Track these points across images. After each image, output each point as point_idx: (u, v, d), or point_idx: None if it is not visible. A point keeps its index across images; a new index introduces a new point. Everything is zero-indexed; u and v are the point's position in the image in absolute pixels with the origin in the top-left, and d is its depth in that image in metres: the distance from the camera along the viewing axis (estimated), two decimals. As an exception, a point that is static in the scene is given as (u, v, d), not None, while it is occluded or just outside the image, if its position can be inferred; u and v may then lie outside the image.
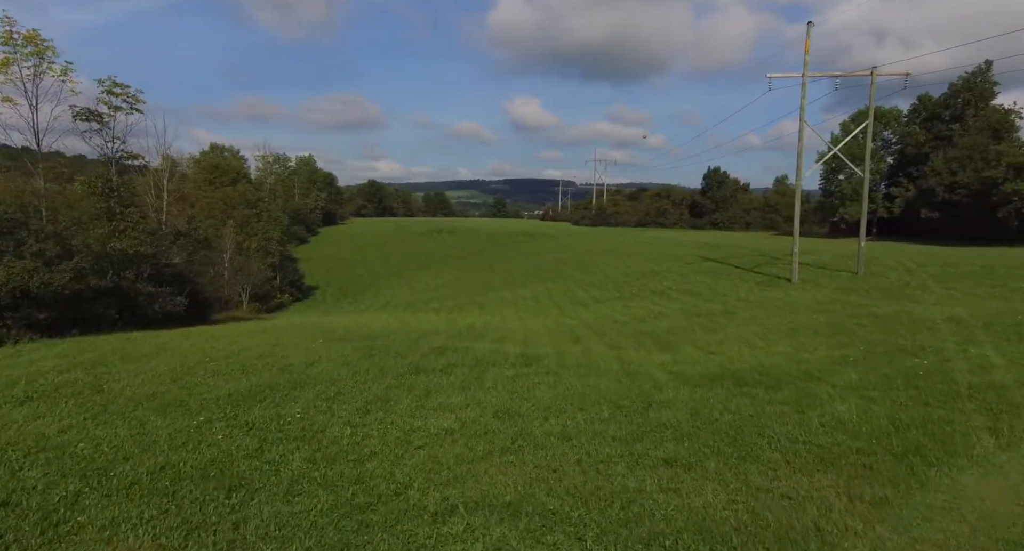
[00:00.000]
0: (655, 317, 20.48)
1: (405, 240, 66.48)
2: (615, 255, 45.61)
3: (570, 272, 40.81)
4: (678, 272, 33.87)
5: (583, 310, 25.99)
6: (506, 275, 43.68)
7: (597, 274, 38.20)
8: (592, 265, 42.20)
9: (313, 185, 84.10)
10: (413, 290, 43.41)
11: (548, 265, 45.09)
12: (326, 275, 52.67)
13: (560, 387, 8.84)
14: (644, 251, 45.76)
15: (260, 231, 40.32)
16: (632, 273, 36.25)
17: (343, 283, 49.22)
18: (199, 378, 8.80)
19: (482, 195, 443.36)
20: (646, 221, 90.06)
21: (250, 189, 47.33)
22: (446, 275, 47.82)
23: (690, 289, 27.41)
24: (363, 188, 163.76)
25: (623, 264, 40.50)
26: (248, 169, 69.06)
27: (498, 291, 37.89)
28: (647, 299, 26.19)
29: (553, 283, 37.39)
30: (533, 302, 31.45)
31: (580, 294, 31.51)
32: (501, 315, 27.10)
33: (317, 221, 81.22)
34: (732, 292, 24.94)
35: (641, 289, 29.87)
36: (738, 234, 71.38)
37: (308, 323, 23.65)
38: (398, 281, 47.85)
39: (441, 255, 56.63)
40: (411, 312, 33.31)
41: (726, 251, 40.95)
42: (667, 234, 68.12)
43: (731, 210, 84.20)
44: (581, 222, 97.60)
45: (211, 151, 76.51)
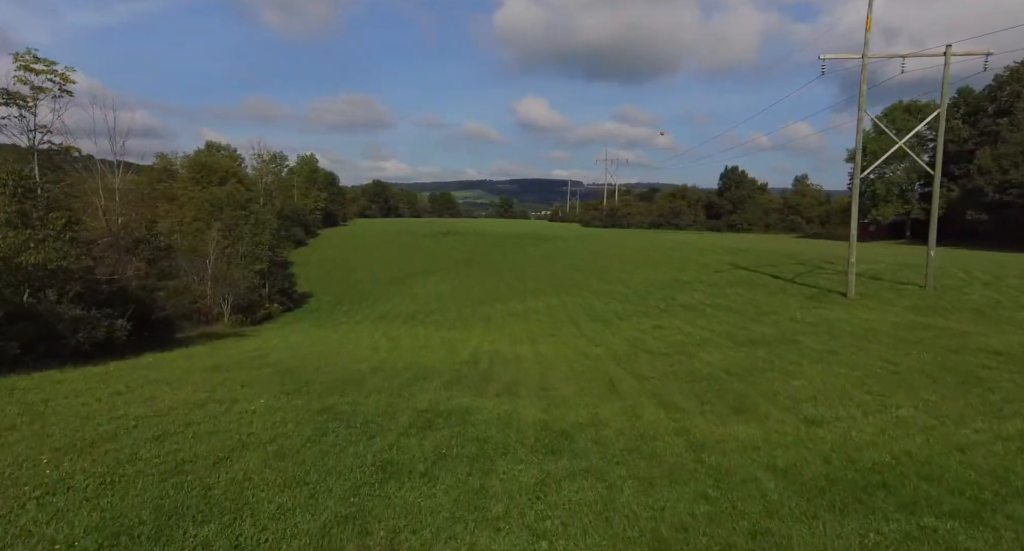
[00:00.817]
0: (698, 344, 16.91)
1: (409, 243, 63.16)
2: (634, 260, 42.03)
3: (586, 280, 37.26)
4: (708, 282, 30.24)
5: (606, 330, 22.47)
6: (516, 283, 40.19)
7: (616, 283, 34.64)
8: (609, 272, 38.64)
9: (313, 185, 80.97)
10: (415, 299, 40.01)
11: (561, 272, 41.56)
12: (323, 281, 49.39)
13: (615, 517, 5.31)
14: (665, 256, 42.14)
15: (247, 235, 37.01)
16: (655, 282, 32.65)
17: (340, 290, 45.90)
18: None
19: (488, 195, 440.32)
20: (660, 222, 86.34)
21: (240, 189, 44.14)
22: (451, 281, 44.41)
23: (727, 304, 23.79)
24: (368, 188, 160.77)
25: (644, 271, 36.92)
26: (245, 168, 65.99)
27: (507, 302, 34.41)
28: (679, 316, 22.59)
29: (568, 293, 33.84)
30: (547, 317, 27.94)
31: (599, 307, 27.95)
32: (511, 334, 23.62)
33: (317, 222, 78.10)
34: (781, 310, 21.29)
35: (669, 302, 26.27)
36: (760, 237, 67.49)
37: (282, 346, 20.29)
38: (399, 288, 44.47)
39: (446, 259, 53.24)
40: (410, 326, 29.90)
41: (756, 257, 37.27)
42: (684, 237, 64.38)
43: (749, 211, 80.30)
44: (592, 223, 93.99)
45: (207, 149, 73.60)
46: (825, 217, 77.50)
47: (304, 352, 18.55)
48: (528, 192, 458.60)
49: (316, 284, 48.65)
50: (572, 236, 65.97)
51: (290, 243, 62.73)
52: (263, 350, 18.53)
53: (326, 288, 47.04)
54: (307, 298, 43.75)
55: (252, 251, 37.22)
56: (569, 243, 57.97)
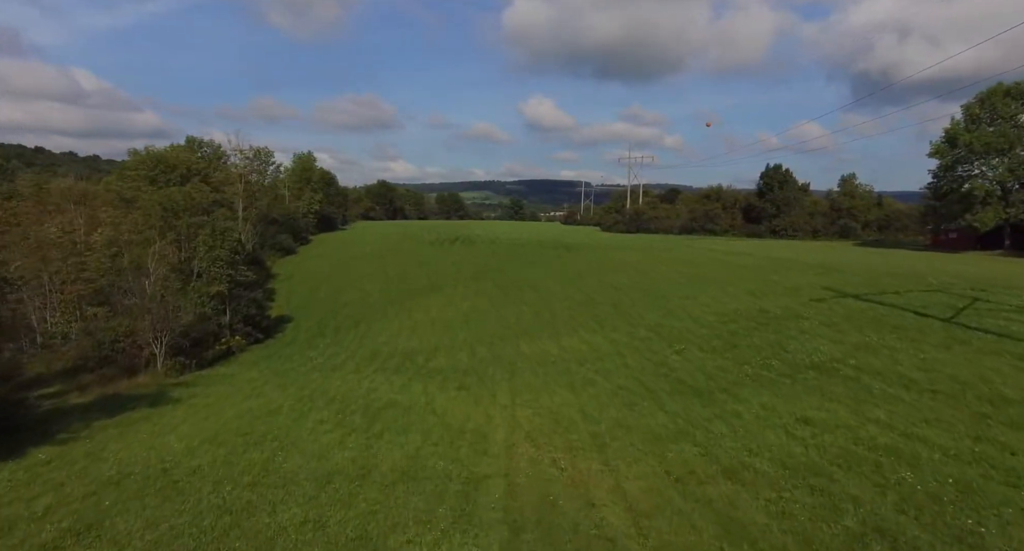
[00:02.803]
0: (962, 494, 8.62)
1: (411, 251, 55.06)
2: (688, 278, 33.64)
3: (634, 307, 28.92)
4: (814, 318, 21.85)
5: (701, 408, 14.27)
6: (541, 308, 31.94)
7: (679, 313, 26.30)
8: (662, 295, 30.28)
9: (307, 185, 73.06)
10: (415, 328, 31.87)
11: (598, 292, 33.24)
12: (307, 300, 41.36)
13: None
14: (728, 273, 33.72)
15: (201, 248, 29.02)
16: (734, 315, 24.29)
17: (326, 313, 37.82)
18: None
19: (496, 196, 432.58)
20: (692, 227, 77.79)
21: (202, 189, 36.21)
22: (460, 303, 36.26)
23: (885, 368, 15.40)
24: (372, 189, 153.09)
25: (709, 295, 28.55)
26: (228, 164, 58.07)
27: (534, 338, 26.19)
28: (826, 394, 14.25)
29: (615, 328, 25.54)
30: (597, 369, 19.69)
31: (673, 360, 19.63)
32: (553, 411, 15.44)
33: (311, 227, 70.26)
34: (994, 385, 12.89)
35: (779, 355, 17.92)
36: (817, 245, 58.80)
37: (178, 442, 12.22)
38: (397, 311, 36.35)
39: (454, 273, 45.08)
40: (404, 378, 21.78)
41: (857, 278, 28.81)
42: (730, 245, 55.82)
43: (794, 215, 71.59)
44: (614, 228, 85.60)
45: (187, 145, 65.97)
46: (884, 222, 68.65)
47: (202, 462, 10.53)
48: (536, 193, 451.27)
49: (298, 304, 40.64)
50: (598, 244, 57.60)
51: (276, 252, 54.96)
52: (126, 464, 10.52)
53: (309, 310, 38.99)
54: (283, 325, 35.70)
55: (208, 269, 29.23)
56: (597, 253, 49.64)
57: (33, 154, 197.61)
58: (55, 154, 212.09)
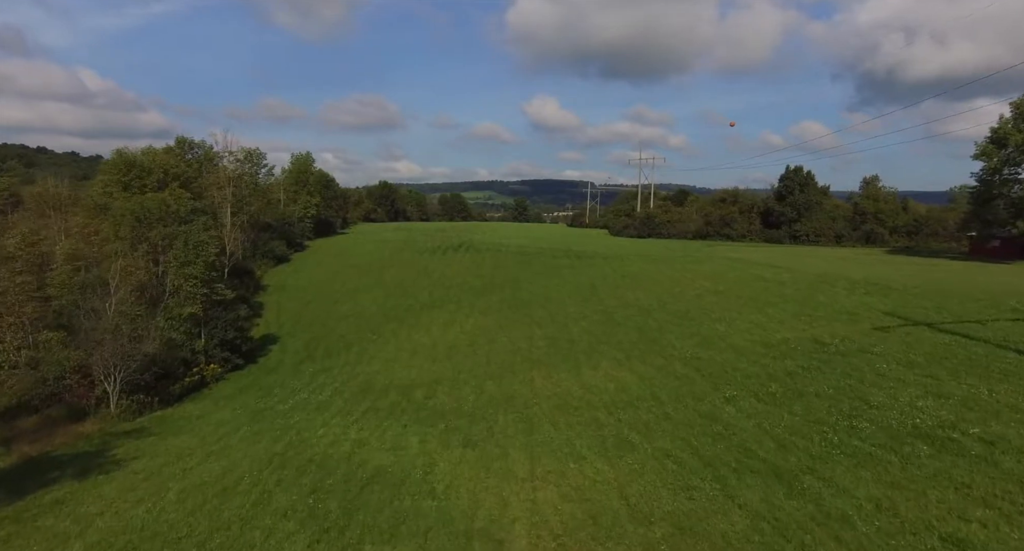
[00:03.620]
0: None
1: (411, 260, 51.53)
2: (721, 298, 30.01)
3: (662, 333, 25.31)
4: (891, 356, 18.24)
5: (787, 501, 10.75)
6: (557, 331, 28.38)
7: (717, 343, 22.72)
8: (695, 318, 26.68)
9: (304, 188, 69.59)
10: (414, 353, 28.36)
11: (620, 313, 29.64)
12: (296, 316, 37.87)
13: None
14: (764, 291, 30.09)
15: (172, 264, 25.57)
16: (787, 348, 20.71)
17: (316, 332, 34.31)
18: None
19: (500, 196, 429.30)
20: (707, 232, 73.99)
21: (181, 196, 32.74)
22: (463, 322, 32.74)
23: (1017, 440, 11.79)
24: (373, 190, 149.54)
25: (751, 321, 24.94)
26: (218, 168, 54.63)
27: (551, 371, 22.65)
28: (946, 479, 10.74)
29: (645, 360, 21.95)
30: (632, 425, 16.12)
31: (726, 412, 16.04)
32: (581, 485, 11.95)
33: (307, 232, 66.83)
34: None
35: (865, 415, 14.34)
36: (842, 252, 55.04)
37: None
38: (395, 331, 32.85)
39: (458, 285, 41.55)
40: (396, 428, 18.27)
41: (917, 298, 25.17)
42: (752, 253, 52.14)
43: (816, 220, 67.76)
44: (624, 232, 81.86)
45: (177, 147, 62.58)
46: (913, 227, 64.73)
47: None
48: (540, 193, 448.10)
49: (288, 321, 37.17)
50: (611, 252, 53.95)
51: (268, 260, 51.53)
52: None
53: (299, 328, 35.51)
54: (269, 346, 32.23)
55: (180, 287, 25.77)
56: (611, 263, 46.03)
57: (35, 154, 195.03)
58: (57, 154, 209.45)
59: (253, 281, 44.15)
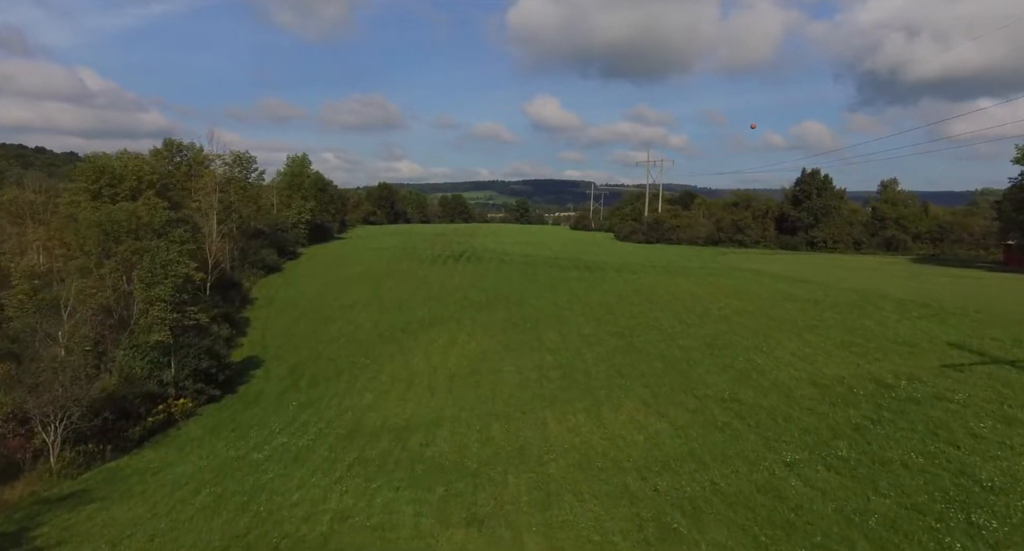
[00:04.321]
0: None
1: (410, 271, 48.56)
2: (752, 319, 27.00)
3: (696, 367, 22.30)
4: (979, 406, 15.31)
5: None
6: (571, 359, 25.39)
7: (758, 380, 19.75)
8: (726, 346, 23.68)
9: (298, 192, 66.62)
10: (409, 386, 25.38)
11: (641, 337, 26.63)
12: (284, 335, 34.90)
13: None
14: (800, 314, 27.09)
15: (138, 285, 22.63)
16: (845, 391, 17.75)
17: (304, 355, 31.35)
18: None
19: (501, 196, 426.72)
20: (718, 238, 71.03)
21: (156, 205, 29.63)
22: (466, 344, 29.78)
23: None
24: (372, 192, 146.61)
25: (792, 352, 21.95)
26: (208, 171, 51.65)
27: (566, 412, 19.69)
28: None
29: (677, 401, 18.94)
30: (673, 500, 13.15)
31: (790, 487, 13.09)
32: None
33: (301, 238, 63.89)
34: None
35: (980, 501, 11.44)
36: (867, 261, 51.97)
37: None
38: (391, 354, 29.91)
39: (459, 299, 38.58)
40: (386, 491, 15.32)
41: (983, 325, 22.17)
42: (771, 262, 49.15)
43: (834, 225, 64.78)
44: (631, 237, 78.88)
45: (165, 149, 59.73)
46: (937, 233, 61.60)
47: None
48: (541, 193, 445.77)
49: (274, 341, 34.21)
50: (622, 262, 50.96)
51: (257, 270, 48.58)
52: None
53: (286, 349, 32.54)
54: (251, 371, 29.27)
55: (146, 312, 22.82)
56: (624, 276, 43.05)
57: (33, 154, 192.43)
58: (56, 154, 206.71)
59: (240, 294, 41.23)
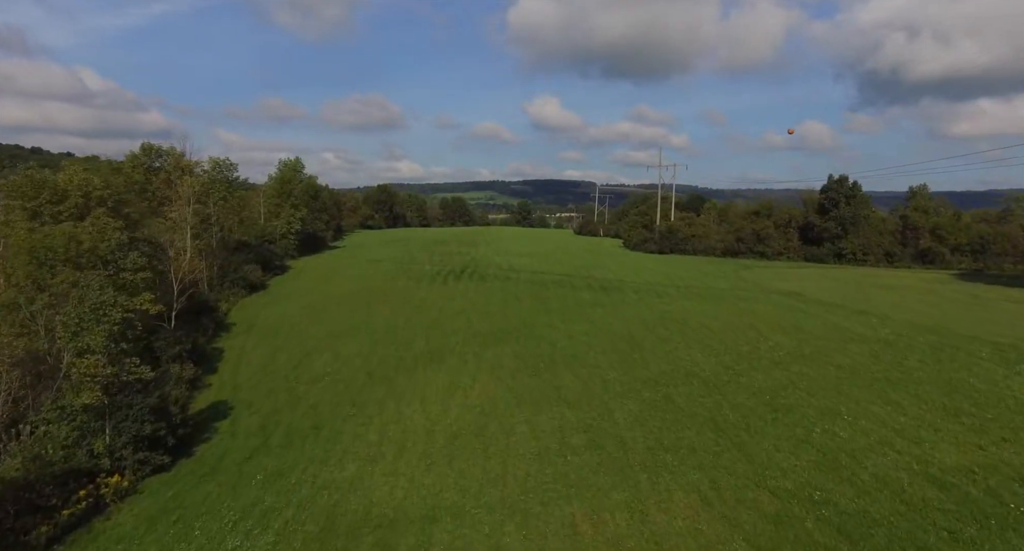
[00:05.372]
0: None
1: (407, 291, 44.08)
2: (811, 367, 22.43)
3: (757, 436, 17.78)
4: None
5: None
6: (597, 419, 20.85)
7: (855, 473, 15.27)
8: (791, 408, 19.15)
9: (287, 200, 62.08)
10: (400, 451, 20.86)
11: (679, 389, 22.07)
12: (259, 372, 30.38)
13: None
14: (871, 362, 22.54)
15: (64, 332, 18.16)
16: (988, 499, 13.26)
17: (280, 400, 26.85)
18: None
19: (501, 196, 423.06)
20: (737, 249, 66.50)
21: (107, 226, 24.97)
22: (468, 390, 25.29)
23: None
24: (370, 195, 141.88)
25: (879, 420, 17.45)
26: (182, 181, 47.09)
27: (598, 505, 15.17)
28: None
29: (744, 498, 14.41)
30: None
31: None
32: None
33: (290, 250, 59.42)
34: None
35: None
36: (903, 276, 47.34)
37: None
38: (378, 402, 25.42)
39: (461, 328, 34.09)
40: None
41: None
42: (807, 283, 44.65)
43: (863, 236, 60.22)
44: (643, 246, 74.35)
45: (143, 153, 55.21)
46: (978, 245, 56.93)
47: None
48: (542, 193, 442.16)
49: (248, 380, 29.69)
50: (640, 281, 46.48)
51: (239, 289, 44.11)
52: None
53: (260, 392, 28.02)
54: (215, 423, 24.75)
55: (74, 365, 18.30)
56: (645, 300, 38.58)
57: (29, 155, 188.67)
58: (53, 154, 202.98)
59: (215, 320, 36.72)
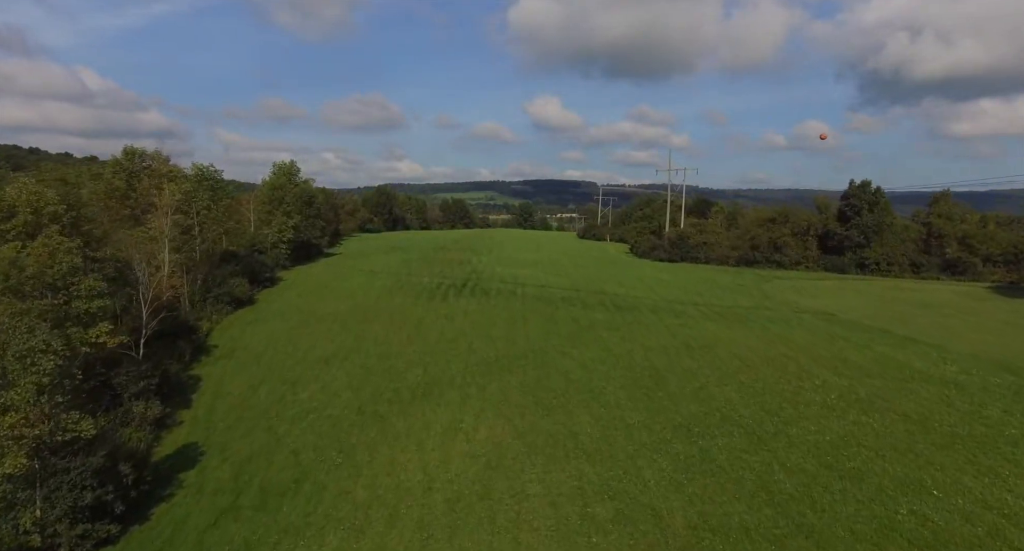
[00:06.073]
0: None
1: (403, 309, 40.89)
2: (878, 418, 19.26)
3: (832, 525, 14.54)
4: None
5: None
6: (622, 478, 17.67)
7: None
8: (861, 470, 15.94)
9: (279, 207, 58.84)
10: (392, 517, 17.68)
11: (722, 445, 18.86)
12: (238, 409, 27.17)
13: None
14: (948, 410, 19.38)
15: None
16: None
17: (258, 446, 23.65)
18: None
19: (502, 196, 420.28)
20: (753, 258, 63.25)
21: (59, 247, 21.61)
22: (472, 432, 22.12)
23: None
24: (369, 198, 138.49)
25: (997, 511, 14.21)
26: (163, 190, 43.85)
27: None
28: None
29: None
30: None
31: None
32: None
33: (281, 260, 56.21)
34: None
35: None
36: (935, 290, 43.90)
37: None
38: (368, 450, 22.24)
39: (462, 353, 30.90)
40: None
41: None
42: (837, 300, 41.43)
43: (888, 245, 56.99)
44: (652, 254, 71.19)
45: (124, 157, 52.07)
46: (1012, 255, 53.64)
47: None
48: (542, 193, 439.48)
49: (224, 417, 26.44)
50: (657, 298, 43.30)
51: (224, 306, 40.91)
52: None
53: (235, 434, 24.78)
54: (181, 474, 21.53)
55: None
56: (665, 320, 35.39)
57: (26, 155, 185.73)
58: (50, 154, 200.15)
59: (193, 343, 33.51)
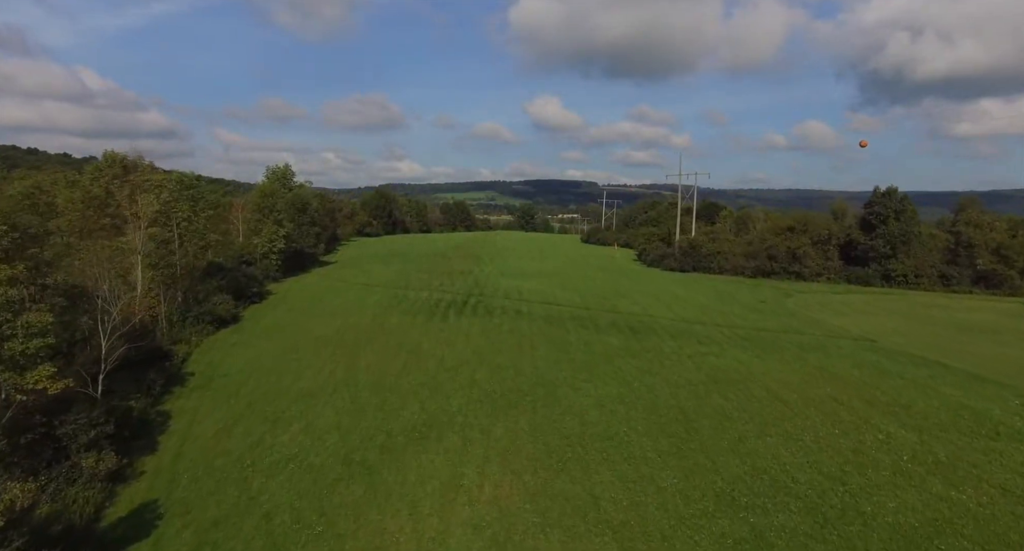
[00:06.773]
0: None
1: (399, 330, 37.73)
2: (969, 494, 15.97)
3: None
4: None
5: None
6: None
7: None
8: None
9: (269, 216, 55.60)
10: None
11: (777, 526, 15.63)
12: (207, 455, 24.00)
13: None
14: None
15: None
16: None
17: (226, 508, 20.48)
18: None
19: (502, 197, 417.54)
20: (770, 268, 59.97)
21: None
22: (476, 491, 19.00)
23: None
24: (368, 200, 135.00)
25: None
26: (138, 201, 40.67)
27: None
28: None
29: None
30: None
31: None
32: None
33: (271, 271, 53.06)
34: None
35: None
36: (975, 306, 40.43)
37: None
38: (354, 509, 19.12)
39: (464, 385, 27.74)
40: None
41: None
42: (871, 319, 38.14)
43: (916, 256, 53.69)
44: (662, 263, 67.96)
45: (105, 163, 49.05)
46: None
47: None
48: (543, 193, 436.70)
49: (188, 469, 23.20)
50: (674, 317, 40.08)
51: (204, 326, 37.81)
52: None
53: (202, 490, 21.56)
54: (129, 547, 18.32)
55: None
56: (687, 347, 32.17)
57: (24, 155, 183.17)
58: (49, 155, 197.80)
59: (167, 372, 30.36)
